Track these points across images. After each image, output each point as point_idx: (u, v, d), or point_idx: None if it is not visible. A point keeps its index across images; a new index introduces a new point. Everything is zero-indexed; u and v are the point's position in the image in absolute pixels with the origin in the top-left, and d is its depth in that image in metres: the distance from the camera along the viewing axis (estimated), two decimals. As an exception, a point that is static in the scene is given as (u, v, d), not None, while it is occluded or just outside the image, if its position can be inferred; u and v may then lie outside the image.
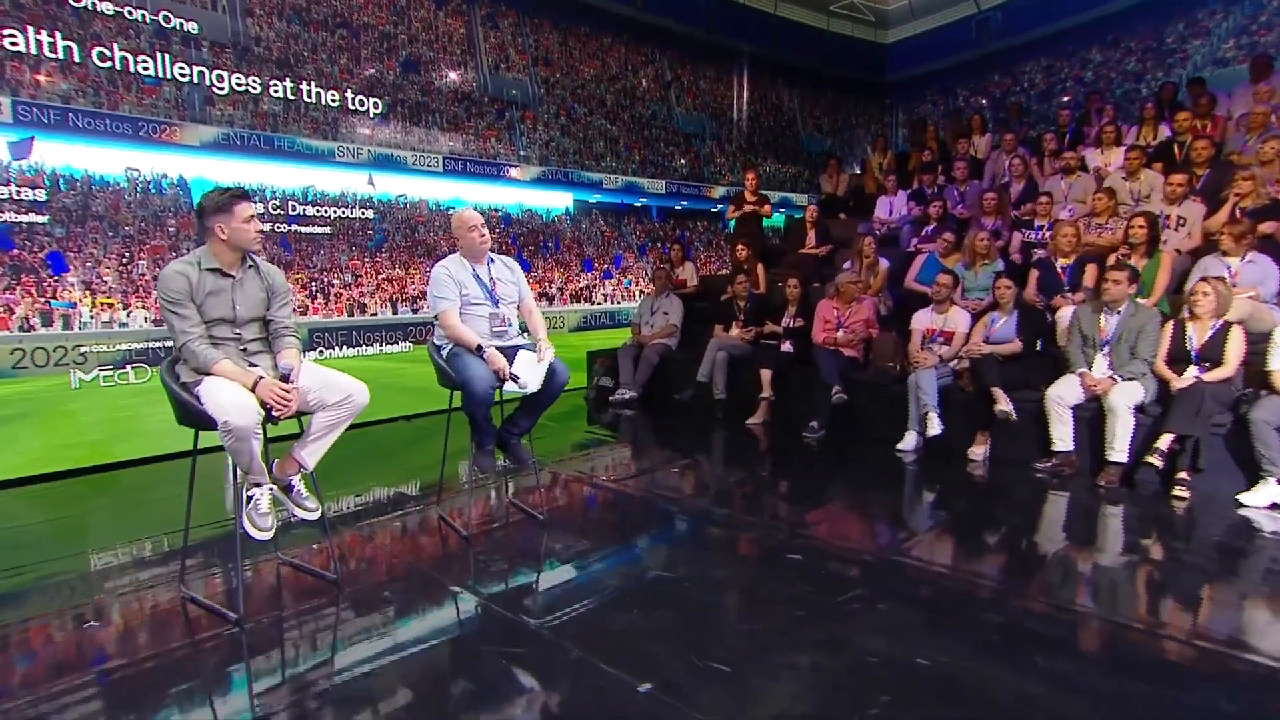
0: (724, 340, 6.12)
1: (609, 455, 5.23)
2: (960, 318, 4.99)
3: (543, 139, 6.63)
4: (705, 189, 8.37)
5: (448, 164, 6.01)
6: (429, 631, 2.57)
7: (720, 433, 5.71)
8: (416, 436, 5.74)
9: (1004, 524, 3.72)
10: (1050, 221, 6.02)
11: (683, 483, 4.54)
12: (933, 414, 4.66)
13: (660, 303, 6.91)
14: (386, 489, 4.34)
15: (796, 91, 9.40)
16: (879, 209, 7.90)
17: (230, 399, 2.42)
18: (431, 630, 2.58)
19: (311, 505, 2.84)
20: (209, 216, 2.63)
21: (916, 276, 5.98)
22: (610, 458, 5.17)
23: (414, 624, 2.61)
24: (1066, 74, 9.06)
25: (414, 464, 4.87)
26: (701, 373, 6.04)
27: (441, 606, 2.76)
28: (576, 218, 7.09)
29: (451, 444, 3.78)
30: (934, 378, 4.76)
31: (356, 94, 5.49)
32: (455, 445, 3.80)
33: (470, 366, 3.18)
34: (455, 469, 4.57)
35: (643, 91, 7.65)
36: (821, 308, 5.67)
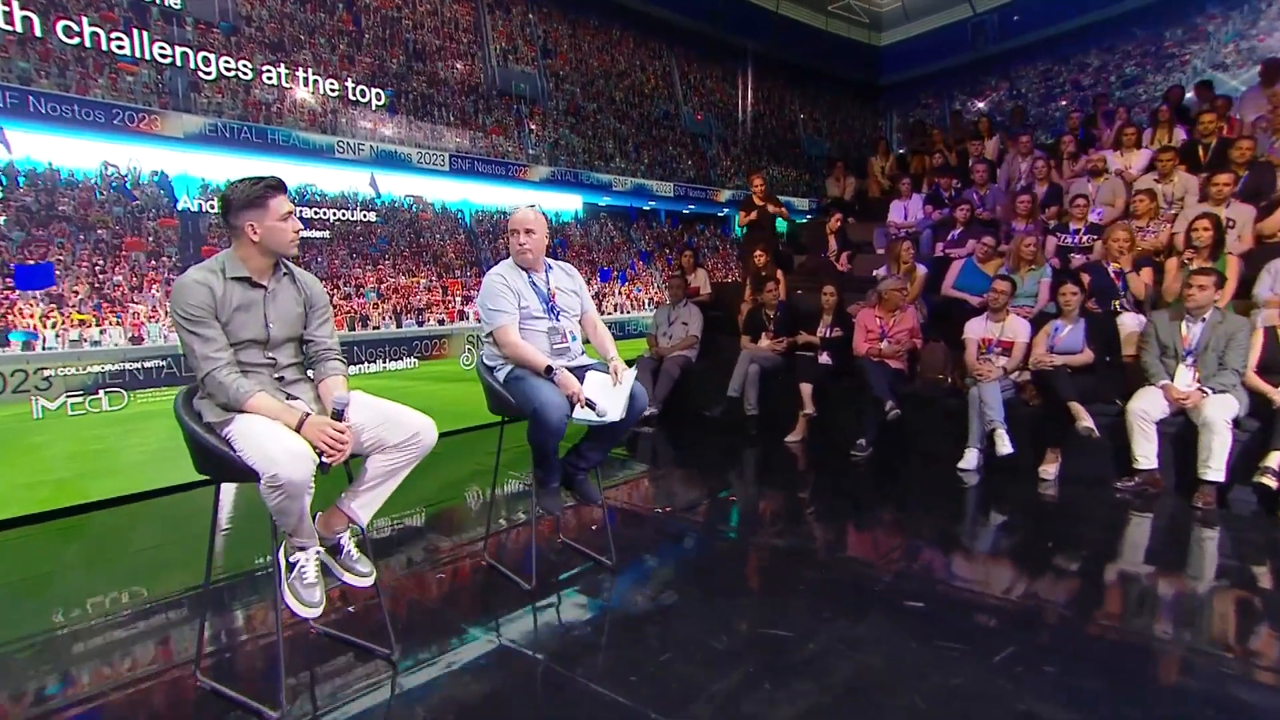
0: (755, 352, 5.72)
1: (647, 482, 4.76)
2: (1019, 326, 4.68)
3: (551, 137, 6.12)
4: (712, 192, 7.97)
5: (454, 163, 5.48)
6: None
7: (758, 453, 5.30)
8: (429, 462, 5.16)
9: (1131, 560, 3.38)
10: (1087, 225, 5.80)
11: (745, 513, 4.11)
12: (1001, 431, 4.33)
13: (679, 312, 6.48)
14: (421, 528, 3.79)
15: (797, 92, 9.08)
16: (893, 213, 7.63)
17: (279, 446, 1.90)
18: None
19: (364, 569, 2.31)
20: (238, 212, 2.10)
21: (955, 283, 5.68)
22: (650, 485, 4.70)
23: (494, 712, 2.10)
24: (1064, 78, 8.94)
25: (439, 496, 4.32)
26: (733, 387, 5.63)
27: (527, 686, 2.25)
28: (586, 222, 6.60)
29: (467, 468, 3.27)
30: (999, 391, 4.43)
31: (358, 84, 4.91)
32: (467, 470, 3.31)
33: (539, 391, 2.69)
34: (483, 497, 4.05)
35: (651, 89, 7.20)
36: (863, 317, 5.31)
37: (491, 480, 3.49)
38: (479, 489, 4.52)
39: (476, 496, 4.39)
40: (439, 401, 5.51)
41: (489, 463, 4.84)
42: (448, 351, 5.53)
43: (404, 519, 3.89)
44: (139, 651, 2.55)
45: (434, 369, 5.55)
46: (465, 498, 4.38)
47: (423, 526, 3.83)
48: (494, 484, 3.95)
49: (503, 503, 4.18)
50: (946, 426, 4.77)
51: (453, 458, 5.16)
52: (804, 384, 5.26)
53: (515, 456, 4.20)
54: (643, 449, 5.51)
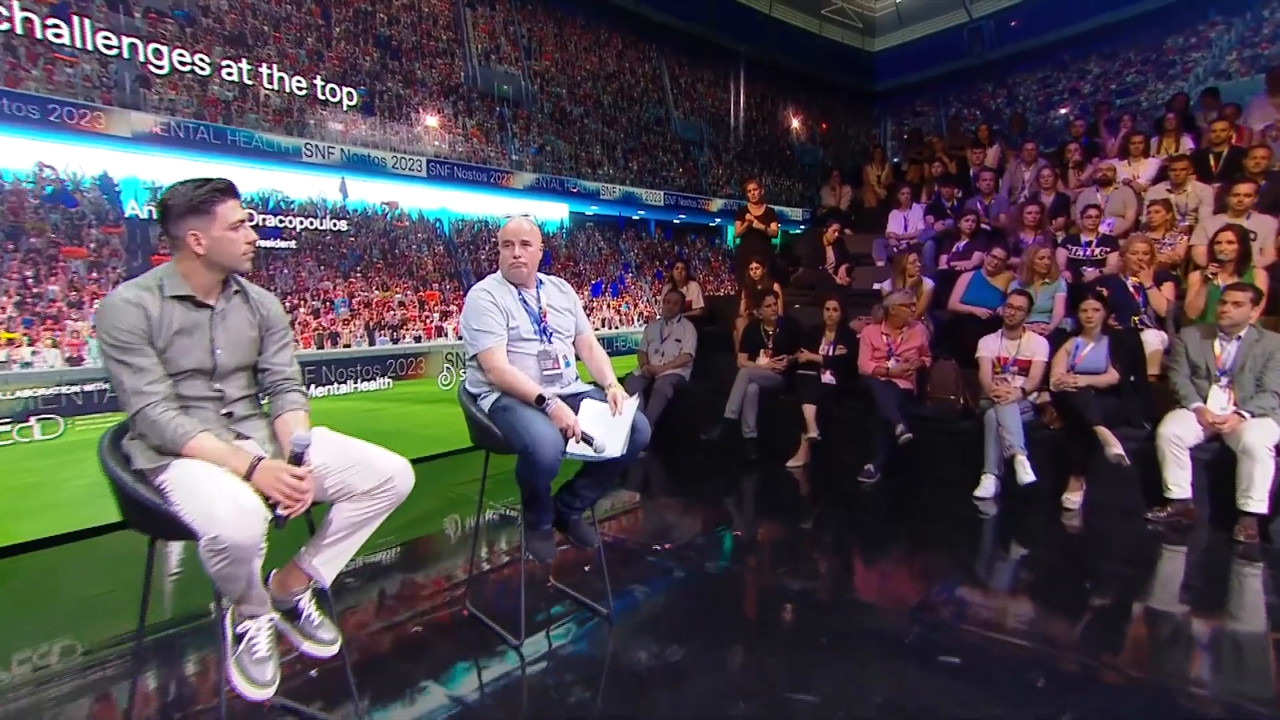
0: (754, 371, 5.49)
1: (642, 514, 4.50)
2: (1037, 344, 4.50)
3: (536, 142, 5.88)
4: (703, 202, 7.79)
5: (432, 168, 5.21)
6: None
7: (759, 479, 5.07)
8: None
9: (1179, 602, 3.17)
10: (1099, 237, 5.67)
11: (750, 549, 3.86)
12: (1022, 457, 4.14)
13: (671, 328, 6.25)
14: (392, 570, 3.49)
15: (790, 98, 8.96)
16: (892, 223, 7.48)
17: (222, 500, 1.62)
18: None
19: (328, 636, 2.03)
20: (178, 220, 1.83)
21: (963, 297, 5.51)
22: (645, 517, 4.44)
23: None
24: (1064, 85, 8.92)
25: (413, 531, 4.02)
26: (730, 408, 5.39)
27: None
28: (572, 232, 6.36)
29: (444, 498, 2.99)
30: (1018, 414, 4.24)
31: (327, 82, 4.63)
32: (445, 500, 3.04)
33: (530, 424, 2.43)
34: (464, 531, 3.76)
35: (640, 93, 7.01)
36: (868, 333, 5.12)
37: (474, 513, 3.21)
38: (459, 521, 4.23)
39: (456, 531, 4.10)
40: (415, 424, 5.23)
41: (469, 491, 4.56)
42: (424, 370, 5.26)
43: (373, 559, 3.59)
44: (63, 716, 2.23)
45: (410, 389, 5.26)
46: (444, 533, 4.09)
47: (395, 568, 3.54)
48: (477, 518, 3.66)
49: (486, 538, 3.89)
50: (959, 451, 4.58)
51: (429, 486, 4.85)
52: (806, 405, 5.05)
53: (500, 484, 3.93)
54: (635, 475, 5.25)
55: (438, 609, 3.03)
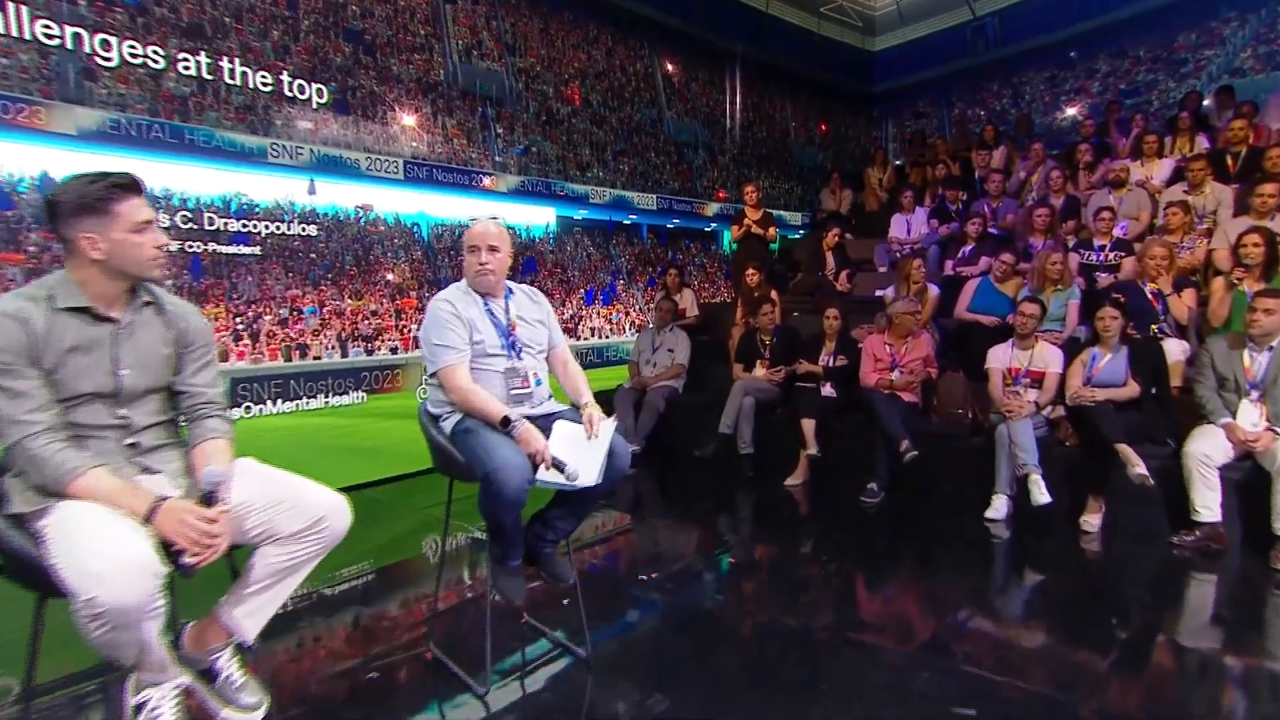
0: (750, 383, 5.26)
1: (628, 538, 4.25)
2: (1051, 355, 4.28)
3: (521, 143, 5.66)
4: (698, 206, 7.58)
5: (410, 170, 4.99)
6: None
7: (756, 498, 4.84)
8: (369, 513, 4.61)
9: (1209, 634, 2.93)
10: (1112, 241, 5.45)
11: (746, 579, 3.62)
12: (1036, 476, 3.91)
13: (664, 338, 6.02)
14: (348, 604, 3.24)
15: (788, 99, 8.76)
16: (894, 228, 7.27)
17: (102, 554, 1.38)
18: None
19: (251, 699, 1.78)
20: (70, 220, 1.59)
21: (970, 305, 5.28)
22: (631, 542, 4.20)
23: None
24: (1071, 85, 8.71)
25: (374, 558, 3.77)
26: (725, 423, 5.16)
27: None
28: (560, 237, 6.13)
29: (412, 520, 2.75)
30: (1031, 430, 4.00)
31: (295, 77, 4.41)
32: (413, 523, 2.80)
33: (494, 450, 2.19)
34: (432, 558, 3.52)
35: (631, 92, 6.80)
36: (871, 344, 4.89)
37: (440, 540, 2.97)
38: (431, 545, 3.98)
39: (424, 559, 3.85)
40: (391, 441, 5.00)
41: (440, 513, 4.32)
42: (401, 384, 5.02)
43: (327, 591, 3.34)
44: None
45: (386, 404, 5.03)
46: (410, 562, 3.84)
47: (351, 601, 3.29)
48: (442, 546, 3.42)
49: (453, 569, 3.64)
50: (969, 469, 4.35)
51: (399, 506, 4.63)
52: (805, 419, 4.81)
53: (471, 507, 3.69)
54: (623, 494, 5.01)
55: (397, 651, 2.78)
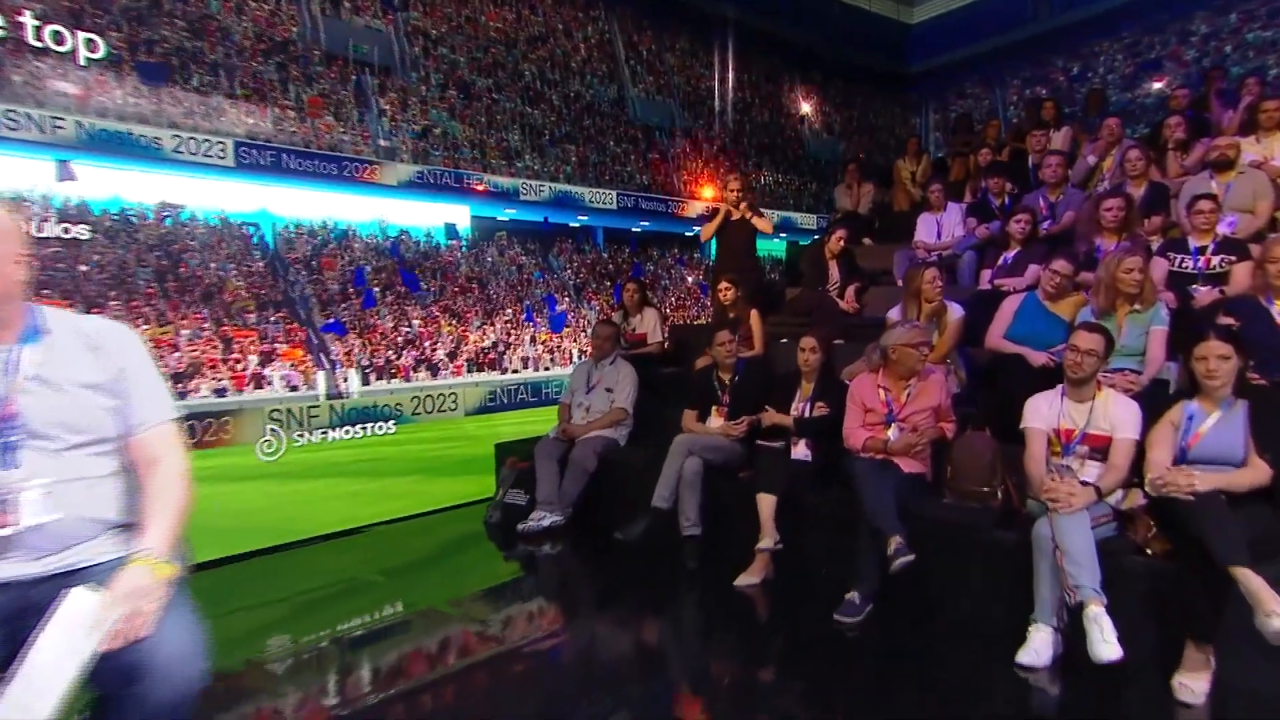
0: (697, 439, 4.04)
1: (488, 677, 3.02)
2: (1121, 411, 2.95)
3: (418, 123, 4.56)
4: (676, 205, 6.39)
5: (244, 155, 3.94)
6: None
7: (696, 605, 3.70)
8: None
9: None
10: (1216, 241, 4.05)
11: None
12: (1097, 609, 2.56)
13: (603, 373, 4.84)
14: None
15: (799, 78, 7.51)
16: (921, 229, 5.98)
17: None
18: None
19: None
20: None
21: (1009, 331, 3.94)
22: (498, 676, 2.96)
23: None
24: (1158, 52, 7.23)
25: None
26: (660, 494, 3.94)
27: None
28: (476, 242, 5.00)
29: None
30: (1088, 529, 2.67)
31: (46, 21, 3.38)
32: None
33: None
34: None
35: (581, 63, 5.69)
36: (859, 386, 3.62)
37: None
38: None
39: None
40: (216, 513, 3.90)
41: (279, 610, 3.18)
42: (233, 435, 3.96)
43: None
44: None
45: (207, 464, 3.94)
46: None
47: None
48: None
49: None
50: (996, 578, 3.05)
51: (224, 603, 3.52)
52: (762, 496, 3.54)
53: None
54: (524, 591, 3.84)
55: None
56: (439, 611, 3.39)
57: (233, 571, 3.74)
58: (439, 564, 4.06)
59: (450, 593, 3.63)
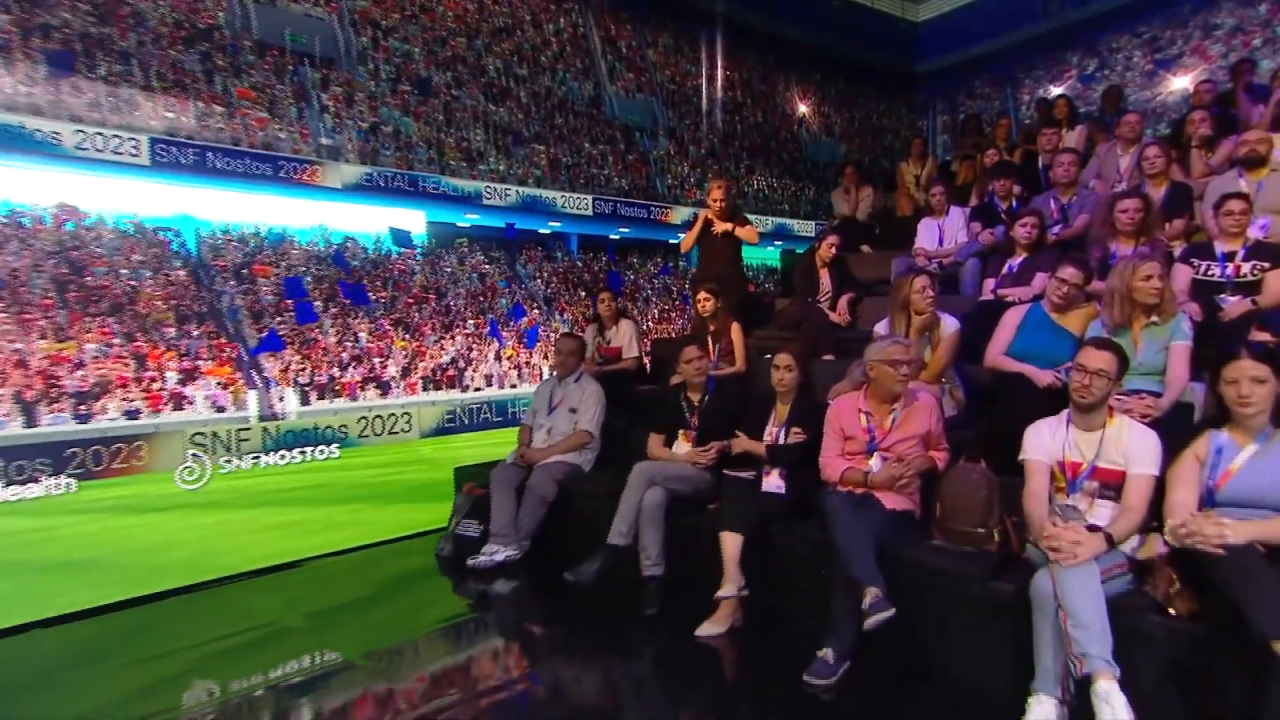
0: (660, 467, 3.66)
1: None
2: (1137, 442, 2.56)
3: (366, 120, 4.24)
4: (660, 212, 6.06)
5: (161, 153, 3.65)
6: None
7: (653, 654, 3.32)
8: (62, 665, 3.14)
9: None
10: (1247, 245, 3.64)
11: None
12: (1107, 684, 2.15)
13: (566, 392, 4.47)
14: None
15: (797, 77, 7.16)
16: (921, 235, 5.61)
17: None
18: None
19: None
20: None
21: (1012, 347, 3.54)
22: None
23: None
24: (1180, 46, 6.80)
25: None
26: (617, 529, 3.58)
27: None
28: (434, 249, 4.68)
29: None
30: (1097, 584, 2.27)
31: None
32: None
33: None
34: None
35: (553, 57, 5.38)
36: (838, 409, 3.24)
37: None
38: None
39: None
40: (126, 548, 3.57)
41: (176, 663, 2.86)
42: (147, 461, 3.64)
43: None
44: None
45: (116, 493, 3.62)
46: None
47: None
48: None
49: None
50: (993, 635, 2.65)
51: (128, 650, 3.17)
52: (726, 535, 3.15)
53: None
54: (460, 641, 3.46)
55: None
56: (356, 665, 3.02)
57: (139, 615, 3.39)
58: (374, 605, 3.70)
59: (376, 641, 3.26)
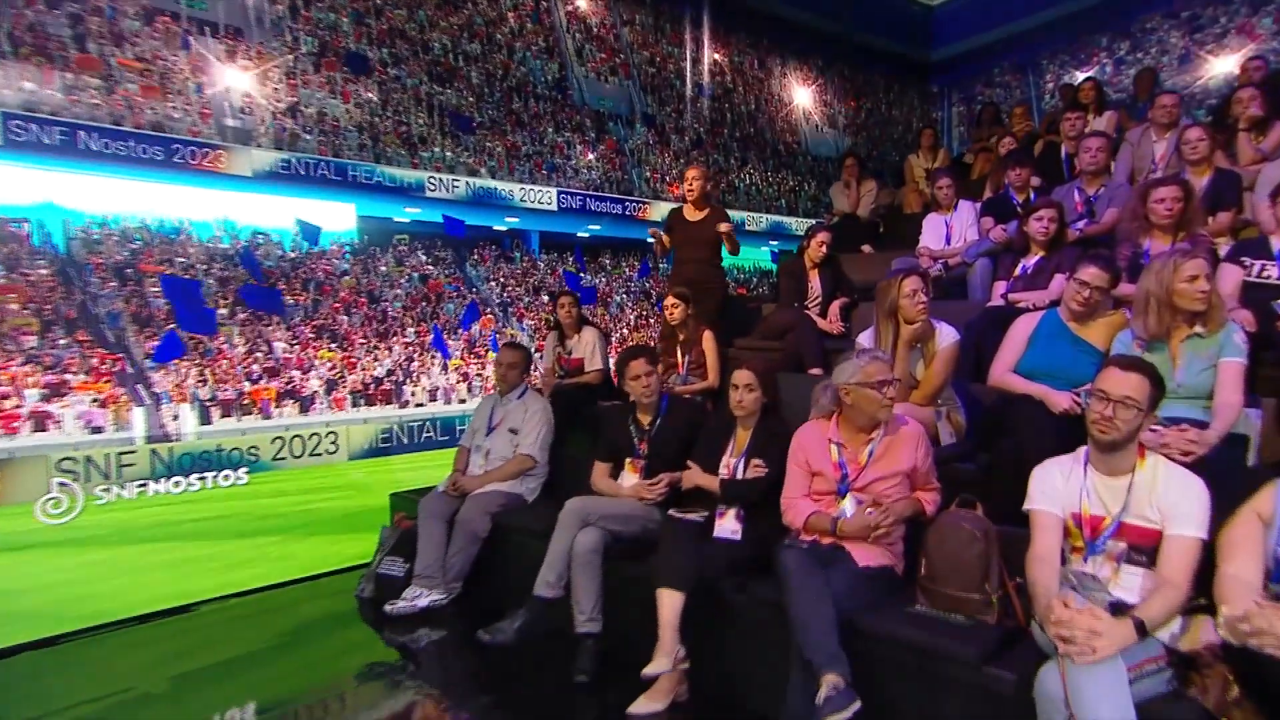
0: (597, 504, 3.14)
1: None
2: (1177, 490, 2.03)
3: (283, 100, 3.79)
4: (636, 208, 5.58)
5: (16, 130, 3.27)
6: None
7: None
8: None
9: None
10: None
11: None
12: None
13: (508, 410, 3.96)
14: None
15: (796, 62, 6.65)
16: (927, 232, 5.09)
17: None
18: None
19: None
20: None
21: (1022, 363, 2.98)
22: None
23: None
24: (1223, 25, 6.20)
25: None
26: (544, 578, 3.06)
27: None
28: (365, 247, 4.21)
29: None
30: (1122, 686, 1.70)
31: None
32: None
33: None
34: None
35: (510, 34, 4.91)
36: (803, 439, 2.71)
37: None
38: None
39: None
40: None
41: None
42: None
43: None
44: None
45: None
46: None
47: None
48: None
49: None
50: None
51: None
52: (663, 592, 2.60)
53: None
54: (362, 703, 2.95)
55: None
56: None
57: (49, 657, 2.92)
58: (262, 661, 3.19)
59: (243, 708, 2.75)
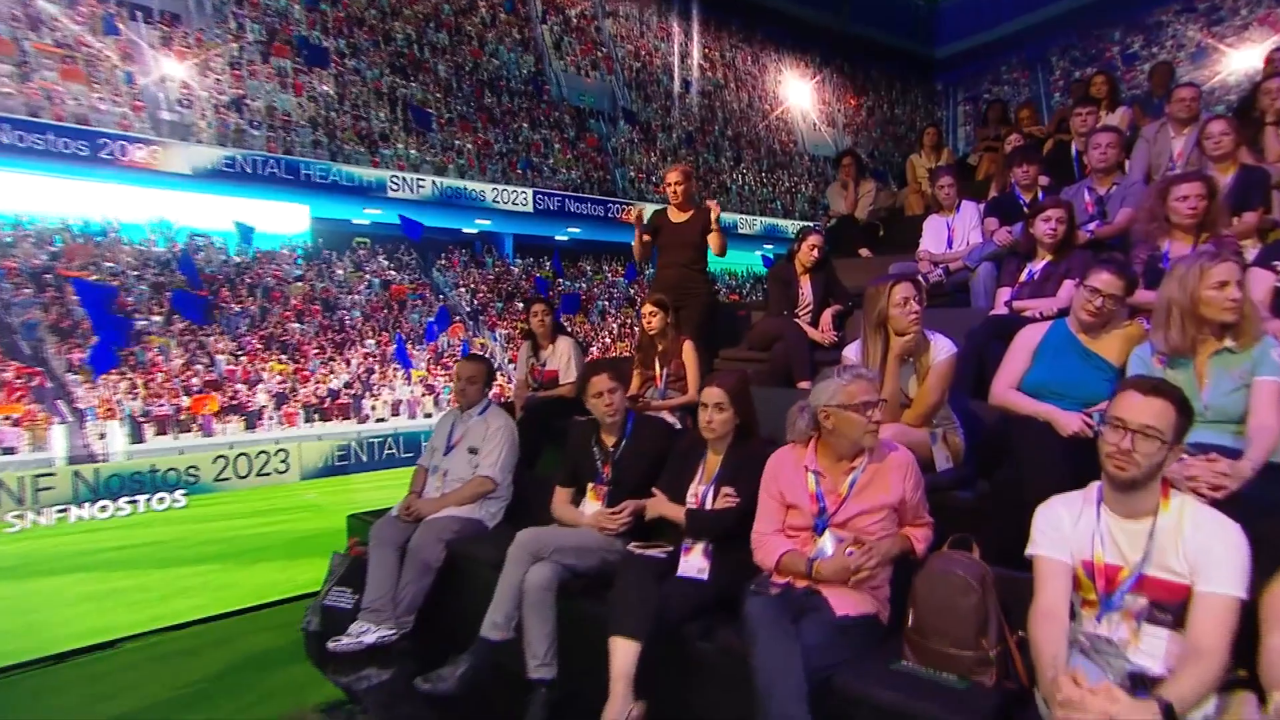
0: (552, 536, 2.86)
1: None
2: (1210, 535, 1.71)
3: (228, 92, 3.56)
4: (619, 210, 5.33)
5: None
6: None
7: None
8: None
9: None
10: (1353, 243, 2.75)
11: None
12: None
13: (468, 428, 3.68)
14: None
15: (790, 59, 6.40)
16: (928, 235, 4.84)
17: None
18: None
19: None
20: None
21: (1027, 380, 2.69)
22: None
23: None
24: (1246, 15, 5.94)
25: None
26: (492, 618, 2.77)
27: None
28: (317, 250, 3.97)
29: None
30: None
31: None
32: None
33: None
34: None
35: (481, 25, 4.68)
36: (778, 466, 2.41)
37: None
38: None
39: None
40: None
41: None
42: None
43: None
44: None
45: None
46: None
47: None
48: None
49: None
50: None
51: None
52: (617, 641, 2.32)
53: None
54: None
55: None
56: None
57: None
58: (190, 705, 2.91)
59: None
